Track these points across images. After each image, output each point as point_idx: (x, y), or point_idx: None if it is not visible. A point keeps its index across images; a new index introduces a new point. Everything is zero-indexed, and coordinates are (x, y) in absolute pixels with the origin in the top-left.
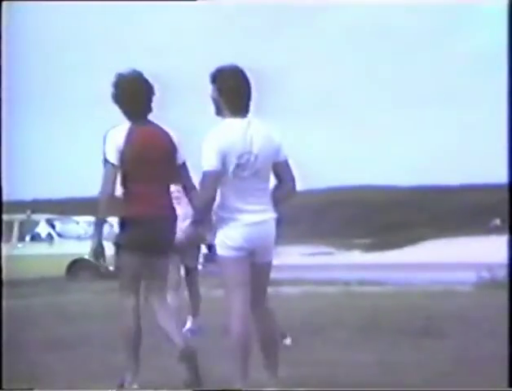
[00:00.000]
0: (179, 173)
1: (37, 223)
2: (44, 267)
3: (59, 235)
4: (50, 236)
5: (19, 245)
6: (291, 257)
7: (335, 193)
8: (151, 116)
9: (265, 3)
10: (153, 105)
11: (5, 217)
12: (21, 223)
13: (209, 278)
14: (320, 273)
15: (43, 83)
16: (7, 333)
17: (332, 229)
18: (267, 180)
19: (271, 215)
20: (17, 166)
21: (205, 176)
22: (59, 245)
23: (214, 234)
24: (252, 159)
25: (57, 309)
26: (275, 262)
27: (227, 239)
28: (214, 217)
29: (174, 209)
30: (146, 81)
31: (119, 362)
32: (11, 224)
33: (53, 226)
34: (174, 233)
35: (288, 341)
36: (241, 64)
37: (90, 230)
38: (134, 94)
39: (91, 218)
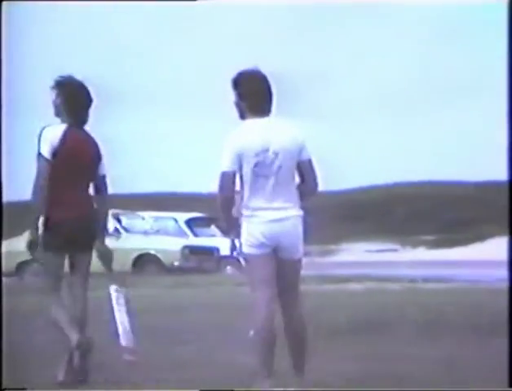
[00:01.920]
0: (99, 183)
1: None
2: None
3: (126, 230)
4: (116, 231)
5: None
6: (356, 254)
7: (400, 188)
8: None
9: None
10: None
11: None
12: None
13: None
14: (385, 270)
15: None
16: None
17: (397, 225)
18: (290, 178)
19: (294, 212)
20: None
21: (221, 177)
22: (125, 239)
23: (239, 232)
24: (271, 157)
25: None
26: (340, 259)
27: (249, 236)
28: (238, 217)
29: (94, 211)
30: (86, 89)
31: (186, 355)
32: None
33: (119, 221)
34: (95, 233)
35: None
36: (265, 67)
37: (156, 225)
38: (75, 101)
39: (157, 213)
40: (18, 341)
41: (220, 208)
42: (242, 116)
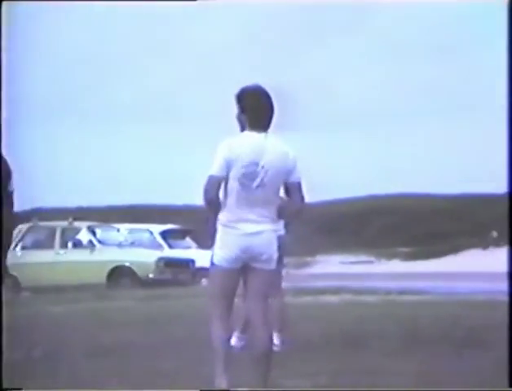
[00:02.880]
0: (8, 200)
1: (78, 230)
2: (85, 274)
3: (100, 242)
4: (91, 243)
5: (61, 251)
6: (331, 266)
7: (375, 201)
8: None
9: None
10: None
11: (48, 223)
12: (63, 230)
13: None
14: (360, 282)
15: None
16: (48, 338)
17: (372, 237)
18: (275, 194)
19: (270, 227)
20: (59, 175)
21: (207, 180)
22: (100, 252)
23: (213, 241)
24: (260, 171)
25: (98, 316)
26: (315, 271)
27: (225, 248)
28: (217, 225)
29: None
30: None
31: (160, 369)
32: (53, 230)
33: (94, 233)
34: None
35: None
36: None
37: (131, 237)
38: None
39: (132, 226)
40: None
41: (207, 211)
42: (243, 130)
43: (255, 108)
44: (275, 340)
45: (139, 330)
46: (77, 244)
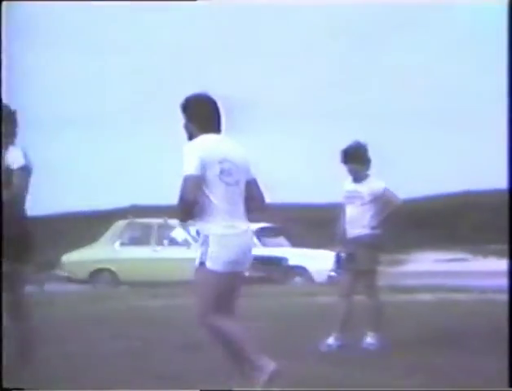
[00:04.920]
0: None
1: (173, 228)
2: (181, 270)
3: (195, 240)
4: (186, 241)
5: (158, 248)
6: (425, 264)
7: (470, 196)
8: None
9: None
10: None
11: (144, 220)
12: (159, 227)
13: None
14: (455, 280)
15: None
16: (144, 333)
17: (468, 234)
18: (243, 192)
19: (248, 225)
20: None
21: (185, 180)
22: (195, 249)
23: (206, 247)
24: (232, 167)
25: (193, 312)
26: (409, 268)
27: (223, 251)
28: (204, 231)
29: None
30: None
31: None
32: (150, 227)
33: (188, 231)
34: None
35: None
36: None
37: None
38: None
39: None
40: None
41: (180, 215)
42: (190, 138)
43: (202, 115)
44: (371, 340)
45: None
46: (173, 241)
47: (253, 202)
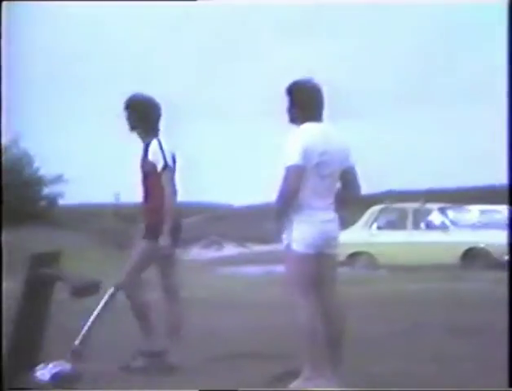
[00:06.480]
0: None
1: (430, 212)
2: (439, 254)
3: (453, 223)
4: (444, 224)
5: (414, 232)
6: None
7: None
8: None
9: None
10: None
11: (400, 205)
12: (415, 211)
13: None
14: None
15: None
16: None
17: None
18: (336, 183)
19: (335, 215)
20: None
21: (289, 171)
22: (453, 233)
23: (291, 230)
24: (330, 159)
25: (452, 296)
26: None
27: (305, 235)
28: (291, 215)
29: None
30: None
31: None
32: (405, 212)
33: (446, 215)
34: None
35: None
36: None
37: (484, 218)
38: None
39: (483, 207)
40: None
41: (282, 204)
42: (292, 121)
43: (305, 102)
44: None
45: (494, 312)
46: (430, 226)
47: (347, 191)
